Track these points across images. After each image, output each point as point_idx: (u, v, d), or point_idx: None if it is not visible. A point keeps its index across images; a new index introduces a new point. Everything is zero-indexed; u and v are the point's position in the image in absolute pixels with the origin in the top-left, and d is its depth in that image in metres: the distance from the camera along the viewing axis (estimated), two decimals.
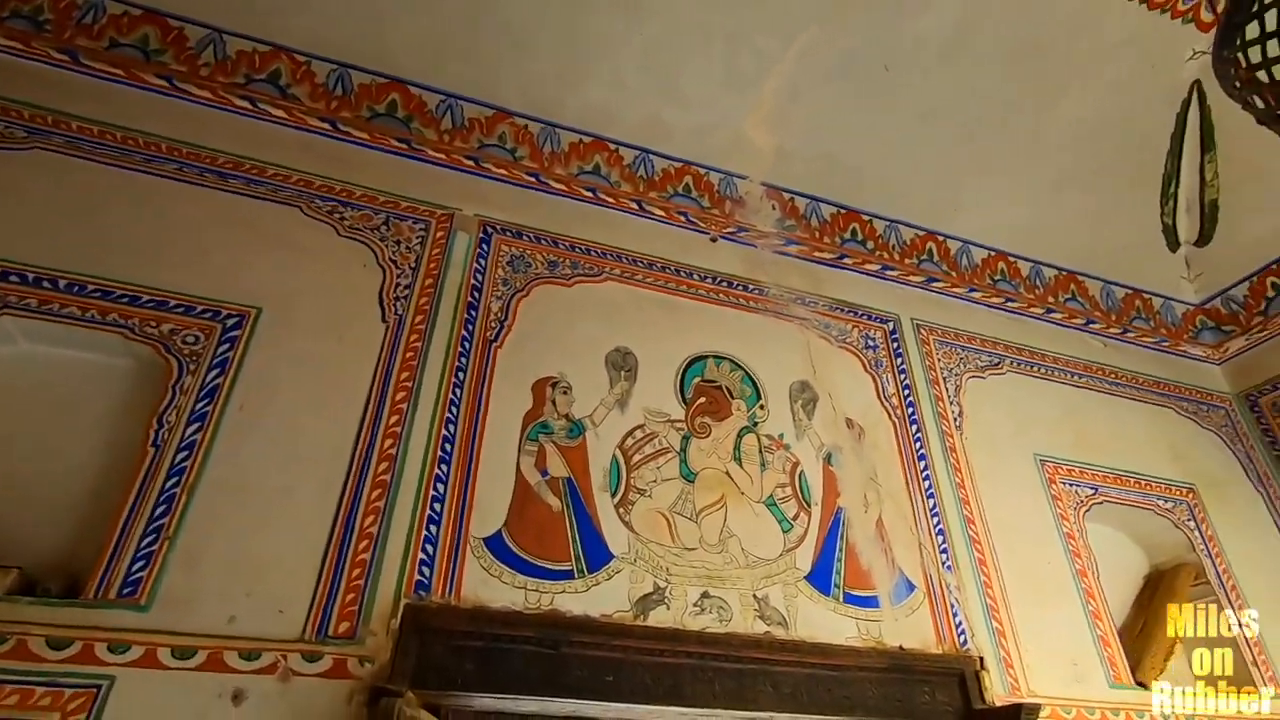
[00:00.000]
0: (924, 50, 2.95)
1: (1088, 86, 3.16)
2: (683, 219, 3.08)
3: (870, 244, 3.38)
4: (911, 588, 2.54)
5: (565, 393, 2.46)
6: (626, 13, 2.73)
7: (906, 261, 3.43)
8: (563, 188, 2.92)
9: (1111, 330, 3.78)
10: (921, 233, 3.51)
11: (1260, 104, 0.93)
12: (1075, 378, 3.53)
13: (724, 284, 3.00)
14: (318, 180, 2.59)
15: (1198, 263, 3.85)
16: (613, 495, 2.34)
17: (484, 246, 2.65)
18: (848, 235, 3.35)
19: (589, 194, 2.95)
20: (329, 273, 2.41)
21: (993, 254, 3.64)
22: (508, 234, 2.75)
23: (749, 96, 3.03)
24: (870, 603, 2.46)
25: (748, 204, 3.19)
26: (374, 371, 2.26)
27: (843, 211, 3.36)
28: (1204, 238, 3.69)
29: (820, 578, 2.44)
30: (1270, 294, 3.69)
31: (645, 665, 2.12)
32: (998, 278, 3.62)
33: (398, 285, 2.44)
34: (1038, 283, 3.72)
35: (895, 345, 3.18)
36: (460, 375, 2.34)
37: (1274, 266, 3.63)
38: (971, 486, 2.87)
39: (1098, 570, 2.90)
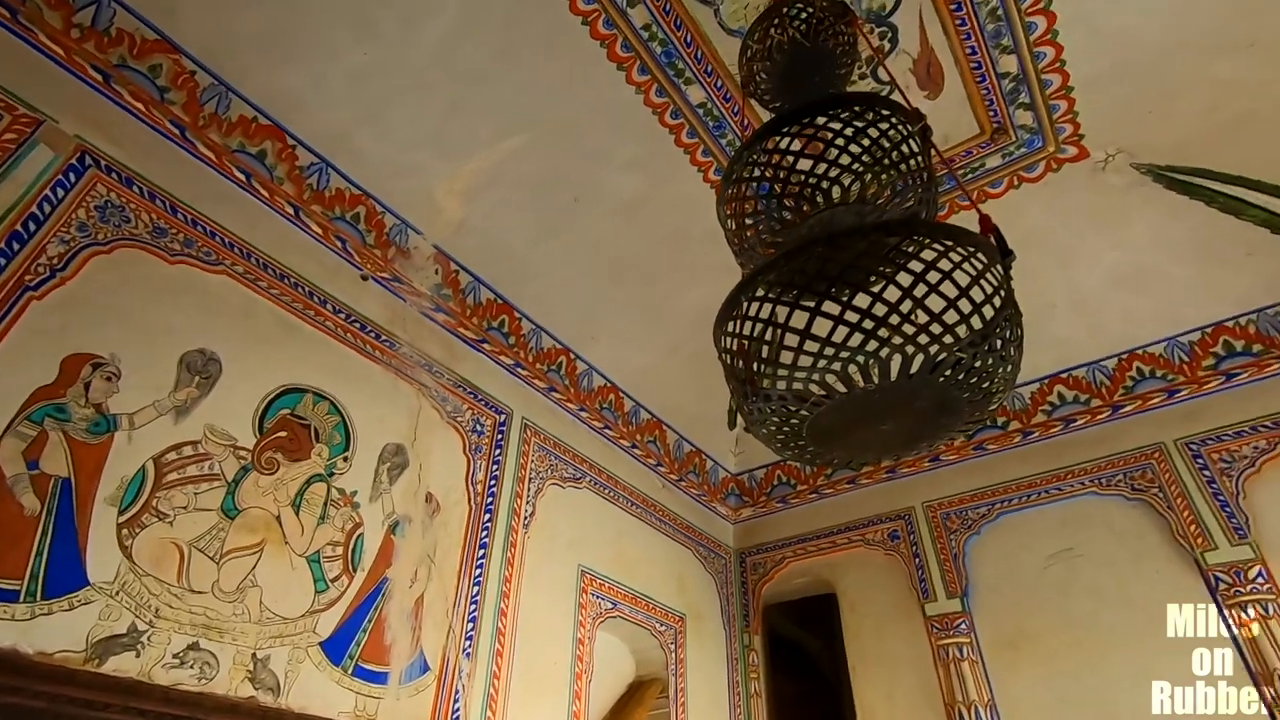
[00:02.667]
0: (608, 200, 3.42)
1: (713, 285, 3.91)
2: (340, 244, 2.93)
3: (513, 339, 3.63)
4: (426, 669, 2.60)
5: (109, 379, 2.06)
6: (356, 28, 2.64)
7: (538, 366, 3.74)
8: (211, 156, 2.55)
9: (672, 476, 4.58)
10: (559, 346, 3.89)
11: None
12: (634, 506, 4.16)
13: (357, 324, 2.89)
14: None
15: (741, 444, 4.97)
16: (122, 512, 1.98)
17: (71, 176, 2.15)
18: (496, 324, 3.55)
19: (241, 176, 2.63)
20: None
21: (608, 385, 4.19)
22: (114, 175, 2.28)
23: (450, 164, 3.10)
24: (380, 679, 2.45)
25: (413, 258, 3.19)
26: None
27: (499, 301, 3.57)
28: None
29: (337, 646, 2.37)
30: (775, 483, 4.91)
31: None
32: (605, 406, 4.16)
33: None
34: (634, 420, 4.37)
35: (500, 437, 3.39)
36: None
37: (781, 464, 4.88)
38: (517, 583, 3.12)
39: (593, 675, 3.34)
